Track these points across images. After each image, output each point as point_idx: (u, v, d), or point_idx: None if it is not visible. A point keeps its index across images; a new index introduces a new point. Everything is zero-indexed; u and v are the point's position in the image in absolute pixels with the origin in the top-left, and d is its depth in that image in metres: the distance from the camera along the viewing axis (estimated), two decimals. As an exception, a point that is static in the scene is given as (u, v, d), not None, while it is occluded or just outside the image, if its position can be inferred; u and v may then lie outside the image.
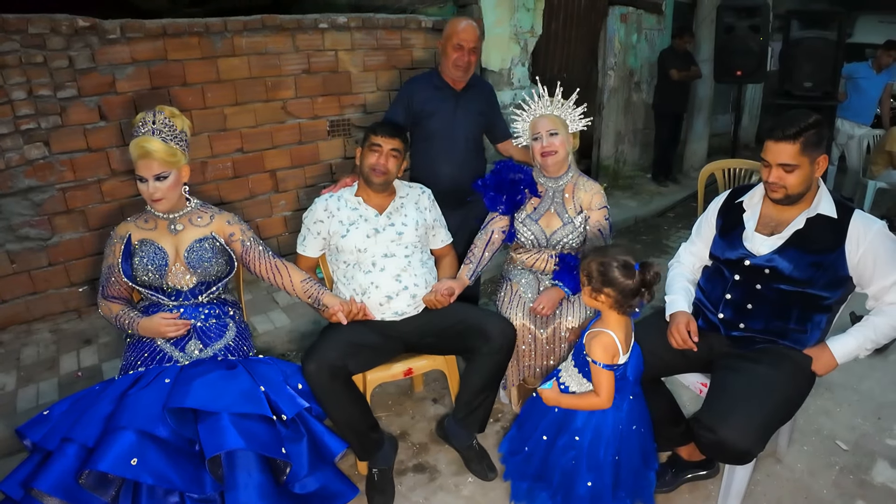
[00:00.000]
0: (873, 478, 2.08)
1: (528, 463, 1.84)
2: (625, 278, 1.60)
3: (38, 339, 2.81)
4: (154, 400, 1.57)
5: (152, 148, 1.77)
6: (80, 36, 2.65)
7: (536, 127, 2.21)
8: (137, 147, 1.77)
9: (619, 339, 1.64)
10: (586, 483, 1.71)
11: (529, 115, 2.29)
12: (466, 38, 2.45)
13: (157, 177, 1.80)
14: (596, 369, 1.64)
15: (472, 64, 2.50)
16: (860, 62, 5.27)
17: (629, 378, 1.70)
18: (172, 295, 1.89)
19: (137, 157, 1.77)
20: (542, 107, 2.26)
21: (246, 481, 1.55)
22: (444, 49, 2.51)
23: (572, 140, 2.27)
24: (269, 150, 3.33)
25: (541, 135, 2.19)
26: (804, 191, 1.72)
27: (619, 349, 1.64)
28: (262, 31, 3.12)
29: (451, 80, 2.53)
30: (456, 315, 2.08)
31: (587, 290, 1.67)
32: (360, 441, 1.97)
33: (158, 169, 1.79)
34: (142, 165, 1.78)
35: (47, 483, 1.44)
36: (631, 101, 5.83)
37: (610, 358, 1.63)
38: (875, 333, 1.72)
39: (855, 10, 7.35)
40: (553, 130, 2.18)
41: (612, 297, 1.62)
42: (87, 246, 2.92)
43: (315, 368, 1.81)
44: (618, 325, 1.66)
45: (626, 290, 1.60)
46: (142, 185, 1.81)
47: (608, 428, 1.70)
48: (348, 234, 2.05)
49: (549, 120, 2.20)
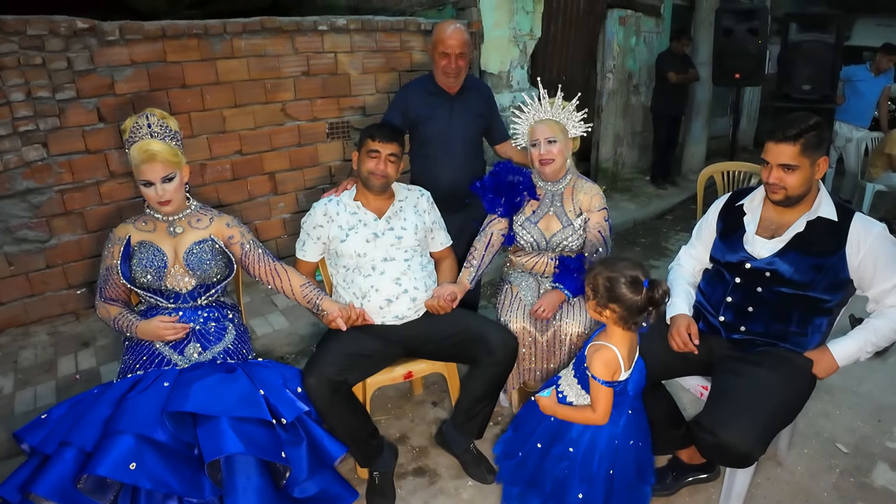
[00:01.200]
0: (874, 480, 2.07)
1: (521, 468, 1.82)
2: (632, 294, 1.54)
3: (35, 342, 2.80)
4: (153, 404, 1.56)
5: (157, 150, 1.76)
6: (78, 37, 2.64)
7: (535, 133, 2.20)
8: (141, 151, 1.75)
9: (621, 355, 1.60)
10: (577, 494, 1.68)
11: (529, 118, 2.27)
12: (452, 44, 2.39)
13: (165, 179, 1.79)
14: (595, 385, 1.60)
15: (461, 69, 2.46)
16: (858, 65, 5.27)
17: (629, 393, 1.67)
18: (171, 297, 1.88)
19: (142, 162, 1.76)
20: (542, 110, 2.24)
21: (245, 485, 1.54)
22: (433, 56, 2.48)
23: (571, 144, 2.25)
24: (268, 152, 3.32)
25: (539, 142, 2.17)
26: (804, 192, 1.72)
27: (620, 365, 1.60)
28: (262, 33, 3.11)
29: (443, 85, 2.51)
30: (458, 324, 2.06)
31: (592, 303, 1.63)
32: (361, 448, 1.96)
33: (164, 171, 1.79)
34: (147, 169, 1.77)
35: (45, 487, 1.43)
36: (629, 103, 5.84)
37: (610, 374, 1.59)
38: (876, 336, 1.72)
39: (853, 13, 7.38)
40: (551, 138, 2.16)
41: (618, 313, 1.57)
42: (85, 248, 2.91)
43: (315, 383, 1.81)
44: (622, 340, 1.61)
45: (633, 307, 1.55)
46: (148, 190, 1.80)
47: (603, 441, 1.67)
48: (347, 239, 2.04)
49: (548, 127, 2.18)
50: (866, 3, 7.47)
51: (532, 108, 2.26)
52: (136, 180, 1.81)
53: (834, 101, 5.01)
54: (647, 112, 5.98)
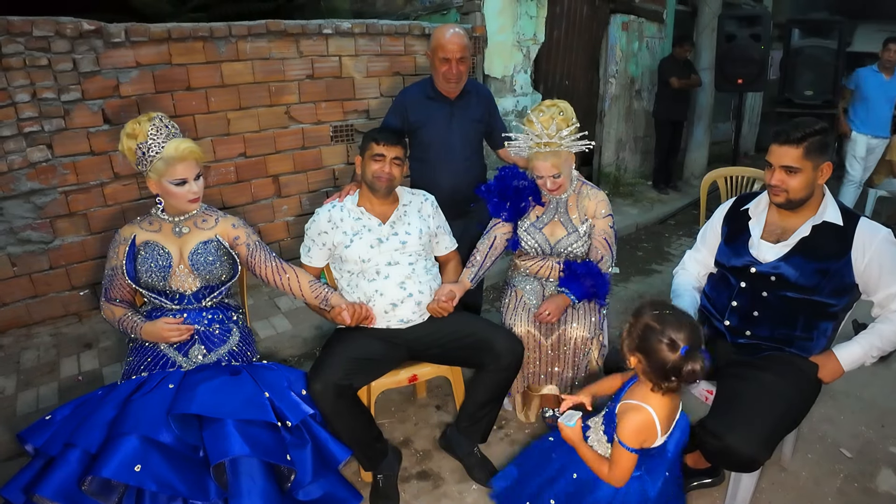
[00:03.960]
0: (878, 485, 2.07)
1: None
2: (663, 353, 1.38)
3: (38, 343, 2.79)
4: (158, 405, 1.56)
5: (193, 147, 1.78)
6: (84, 39, 2.65)
7: (538, 170, 2.10)
8: (178, 150, 1.74)
9: (658, 418, 1.42)
10: None
11: (526, 145, 2.12)
12: (452, 48, 2.36)
13: (197, 176, 1.82)
14: (618, 447, 1.43)
15: (462, 73, 2.43)
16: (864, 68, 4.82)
17: (668, 455, 1.49)
18: (175, 298, 1.87)
19: (178, 160, 1.75)
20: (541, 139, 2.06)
21: (250, 488, 1.53)
22: (433, 61, 2.44)
23: (573, 158, 2.16)
24: (272, 154, 3.33)
25: (544, 178, 2.11)
26: (806, 196, 1.72)
27: (656, 431, 1.42)
28: (267, 36, 3.12)
29: (443, 90, 2.49)
30: (463, 328, 2.06)
31: (625, 341, 1.47)
32: (365, 452, 1.96)
33: (197, 168, 1.81)
34: (183, 168, 1.77)
35: (50, 489, 1.43)
36: (632, 108, 5.85)
37: (639, 442, 1.42)
38: (881, 341, 1.72)
39: (855, 18, 7.41)
40: (556, 174, 2.09)
41: (643, 365, 1.43)
42: (89, 249, 2.91)
43: (321, 388, 1.80)
44: (661, 400, 1.42)
45: (659, 366, 1.39)
46: (180, 189, 1.79)
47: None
48: (352, 245, 2.04)
49: (551, 163, 2.06)
50: (868, 8, 7.50)
51: (529, 135, 2.10)
52: (165, 181, 1.77)
53: (836, 106, 4.98)
54: (649, 117, 5.99)
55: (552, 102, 2.12)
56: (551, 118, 2.05)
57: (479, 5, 3.97)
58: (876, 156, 4.73)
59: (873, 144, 4.69)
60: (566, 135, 2.05)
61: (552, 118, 2.05)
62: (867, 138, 4.68)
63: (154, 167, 1.76)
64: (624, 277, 4.01)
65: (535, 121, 2.06)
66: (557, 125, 2.04)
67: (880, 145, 4.70)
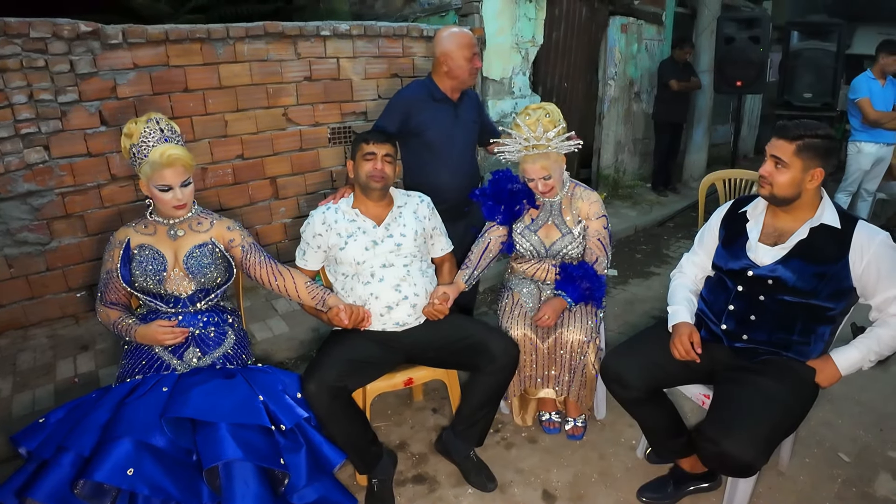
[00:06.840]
0: (876, 490, 2.06)
1: None
2: None
3: (34, 345, 2.79)
4: (151, 409, 1.55)
5: (179, 154, 1.76)
6: (81, 41, 2.64)
7: (528, 172, 2.15)
8: (164, 156, 1.73)
9: None
10: None
11: (516, 147, 2.14)
12: (473, 43, 2.45)
13: (183, 183, 1.80)
14: None
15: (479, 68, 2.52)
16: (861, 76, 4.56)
17: None
18: (171, 301, 1.87)
19: (165, 166, 1.74)
20: (529, 142, 2.09)
21: (244, 492, 1.53)
22: (456, 61, 2.41)
23: (563, 159, 2.19)
24: (269, 156, 3.32)
25: (535, 180, 2.16)
26: (790, 196, 1.72)
27: None
28: (265, 38, 3.12)
29: (449, 91, 2.48)
30: (459, 331, 2.06)
31: None
32: (360, 455, 1.95)
33: (185, 175, 1.80)
34: (170, 174, 1.76)
35: (42, 492, 1.43)
36: (631, 110, 5.84)
37: None
38: (879, 345, 1.71)
39: (854, 21, 7.41)
40: (546, 175, 2.13)
41: None
42: (86, 251, 2.90)
43: (315, 389, 1.80)
44: None
45: None
46: (166, 195, 1.79)
47: None
48: (347, 247, 2.03)
49: (541, 165, 2.10)
50: (867, 11, 7.50)
51: (517, 137, 2.13)
52: (151, 185, 1.78)
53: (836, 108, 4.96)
54: (648, 119, 5.99)
55: (538, 105, 2.16)
56: (538, 121, 2.08)
57: (478, 7, 3.97)
58: (884, 165, 4.60)
59: (882, 153, 4.55)
60: (553, 136, 2.08)
61: (538, 120, 2.08)
62: (876, 147, 4.50)
63: (142, 170, 1.76)
64: (622, 280, 4.00)
65: (521, 124, 2.10)
66: (544, 127, 2.07)
67: (888, 153, 4.56)
